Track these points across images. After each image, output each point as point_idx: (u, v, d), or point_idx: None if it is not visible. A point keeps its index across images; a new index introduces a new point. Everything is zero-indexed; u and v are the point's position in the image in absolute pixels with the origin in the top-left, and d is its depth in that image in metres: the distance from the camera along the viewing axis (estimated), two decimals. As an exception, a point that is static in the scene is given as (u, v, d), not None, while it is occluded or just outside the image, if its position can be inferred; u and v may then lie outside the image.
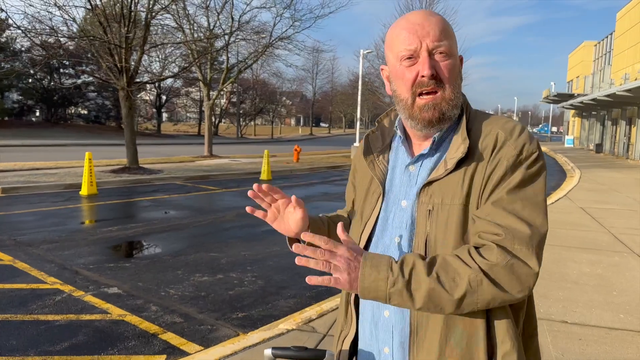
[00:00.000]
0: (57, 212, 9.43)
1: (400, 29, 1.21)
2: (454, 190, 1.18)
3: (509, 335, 1.16)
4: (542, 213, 1.14)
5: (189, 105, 61.47)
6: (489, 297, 1.09)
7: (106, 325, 4.36)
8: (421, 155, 1.26)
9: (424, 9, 1.32)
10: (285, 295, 5.26)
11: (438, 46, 1.18)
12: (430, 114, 1.20)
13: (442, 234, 1.18)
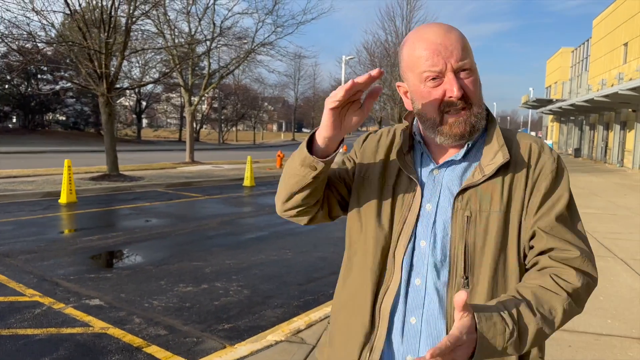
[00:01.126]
0: (36, 221, 9.20)
1: (420, 49, 1.18)
2: (493, 197, 1.18)
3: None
4: (581, 226, 1.24)
5: (169, 111, 60.97)
6: (572, 316, 1.15)
7: (88, 339, 4.22)
8: (450, 160, 1.25)
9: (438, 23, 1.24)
10: (272, 305, 5.17)
11: (462, 65, 1.17)
12: (462, 129, 1.20)
13: (481, 241, 1.17)
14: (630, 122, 26.66)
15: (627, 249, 7.50)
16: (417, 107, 1.25)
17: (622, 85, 20.99)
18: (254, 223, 9.66)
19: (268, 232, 8.82)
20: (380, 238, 1.26)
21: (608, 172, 23.68)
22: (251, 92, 58.23)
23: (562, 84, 48.61)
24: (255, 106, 60.79)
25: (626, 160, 27.16)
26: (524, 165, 1.20)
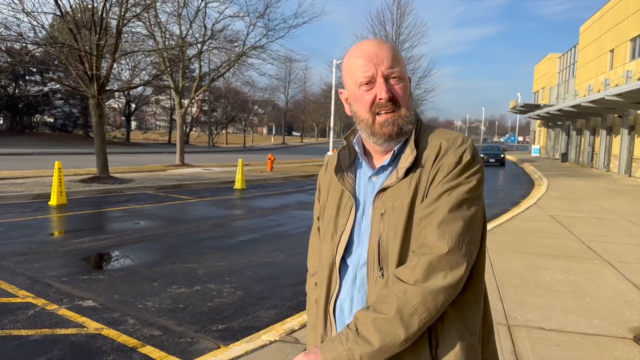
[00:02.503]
0: (26, 223, 9.16)
1: (357, 57, 1.34)
2: (403, 195, 1.30)
3: (450, 334, 1.27)
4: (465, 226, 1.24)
5: (158, 114, 60.69)
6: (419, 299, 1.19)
7: (82, 340, 4.24)
8: (382, 166, 1.39)
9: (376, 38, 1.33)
10: (266, 306, 5.22)
11: (392, 72, 1.32)
12: (390, 129, 1.33)
13: (392, 235, 1.29)
14: (616, 127, 27.05)
15: (614, 251, 7.64)
16: (354, 110, 1.40)
17: (608, 91, 21.31)
18: (245, 225, 9.69)
19: (260, 234, 8.86)
20: (328, 255, 1.43)
21: (594, 177, 23.99)
22: (241, 95, 58.16)
23: (550, 89, 49.15)
24: (245, 109, 60.71)
25: (612, 165, 27.53)
26: (430, 163, 1.29)
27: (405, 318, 1.18)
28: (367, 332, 1.19)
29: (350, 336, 1.20)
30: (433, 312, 1.20)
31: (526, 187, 19.50)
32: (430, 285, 1.20)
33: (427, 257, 1.22)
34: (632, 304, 5.24)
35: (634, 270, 6.58)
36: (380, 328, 1.19)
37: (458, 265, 1.21)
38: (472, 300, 1.31)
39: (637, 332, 4.48)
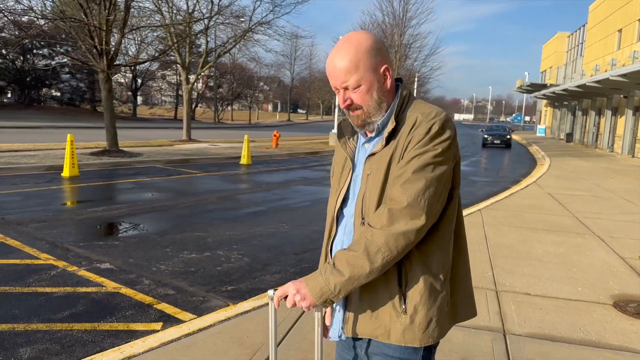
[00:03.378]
0: (41, 192, 9.53)
1: (326, 69, 1.64)
2: (383, 160, 1.58)
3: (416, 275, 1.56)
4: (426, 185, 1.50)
5: (164, 89, 60.75)
6: (383, 240, 1.47)
7: (102, 297, 4.61)
8: (371, 137, 1.69)
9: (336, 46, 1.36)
10: (271, 271, 5.57)
11: (346, 85, 1.59)
12: (356, 122, 1.66)
13: (372, 192, 1.58)
14: (621, 107, 27.06)
15: (606, 227, 7.94)
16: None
17: (613, 72, 21.33)
18: (251, 199, 10.03)
19: (265, 207, 9.19)
20: (331, 207, 1.75)
21: (598, 157, 24.15)
22: (247, 72, 58.08)
23: (557, 68, 48.84)
24: (251, 85, 60.66)
25: (616, 145, 27.63)
26: (405, 134, 1.55)
27: (371, 255, 1.47)
28: (340, 266, 1.49)
29: (328, 269, 1.51)
30: (394, 252, 1.48)
31: (528, 166, 19.71)
32: (392, 230, 1.47)
33: (391, 208, 1.50)
34: (616, 275, 5.56)
35: (623, 244, 6.89)
36: (351, 262, 1.48)
37: (417, 216, 1.47)
38: (436, 249, 1.58)
39: (617, 299, 4.80)
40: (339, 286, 1.49)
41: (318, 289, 1.51)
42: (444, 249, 1.60)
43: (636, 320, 4.29)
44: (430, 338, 1.58)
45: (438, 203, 1.52)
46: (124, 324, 4.05)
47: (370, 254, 1.47)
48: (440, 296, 1.58)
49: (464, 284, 1.69)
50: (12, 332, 3.83)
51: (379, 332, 1.60)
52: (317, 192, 11.38)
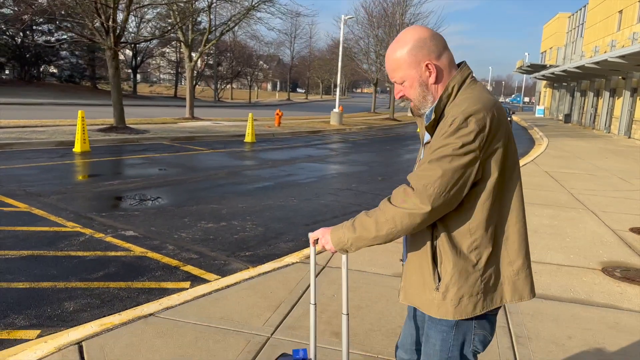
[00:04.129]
0: (56, 166, 9.86)
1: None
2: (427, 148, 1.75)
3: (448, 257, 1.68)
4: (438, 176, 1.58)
5: (163, 67, 60.56)
6: (391, 214, 1.62)
7: (132, 260, 4.99)
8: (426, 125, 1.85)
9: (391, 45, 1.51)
10: (284, 240, 5.96)
11: (394, 80, 1.79)
12: (411, 111, 1.88)
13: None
14: (619, 89, 27.32)
15: (599, 202, 8.34)
16: None
17: (611, 53, 21.55)
18: (259, 174, 10.39)
19: (273, 182, 9.56)
20: None
21: (595, 138, 24.50)
22: (247, 50, 57.86)
23: (557, 49, 48.85)
24: (250, 64, 60.47)
25: (613, 126, 27.96)
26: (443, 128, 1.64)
27: (379, 223, 1.64)
28: (356, 225, 1.70)
29: (348, 225, 1.73)
30: (399, 227, 1.61)
31: (526, 146, 20.06)
32: (400, 208, 1.61)
33: (405, 188, 1.63)
34: (606, 244, 5.97)
35: (614, 218, 7.29)
36: (363, 224, 1.68)
37: (424, 202, 1.57)
38: (466, 234, 1.65)
39: (605, 265, 5.21)
40: (351, 241, 1.72)
41: (337, 239, 1.76)
42: (477, 234, 1.65)
43: (622, 283, 4.70)
44: (464, 313, 1.67)
45: (450, 193, 1.57)
46: (155, 283, 4.44)
47: (379, 222, 1.64)
48: (472, 276, 1.66)
49: (513, 267, 1.70)
50: (54, 289, 4.22)
51: (421, 303, 1.76)
52: (322, 169, 11.73)
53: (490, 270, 1.68)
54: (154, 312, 3.58)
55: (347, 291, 1.94)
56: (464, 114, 1.59)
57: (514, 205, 1.70)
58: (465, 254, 1.66)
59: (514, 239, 1.70)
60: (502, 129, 1.63)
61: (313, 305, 2.03)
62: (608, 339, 3.55)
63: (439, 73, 1.72)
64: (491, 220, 1.66)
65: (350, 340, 3.32)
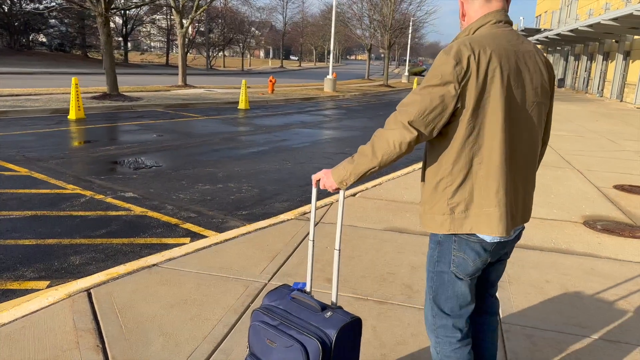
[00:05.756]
0: (53, 133, 9.96)
1: None
2: None
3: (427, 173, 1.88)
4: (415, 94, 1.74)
5: (154, 34, 59.68)
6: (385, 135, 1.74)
7: (133, 219, 5.18)
8: None
9: None
10: (279, 200, 6.15)
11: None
12: None
13: None
14: (612, 53, 27.31)
15: (585, 162, 8.57)
16: None
17: (605, 15, 21.48)
18: (253, 140, 10.52)
19: (268, 147, 9.71)
20: None
21: (587, 101, 24.63)
22: (238, 16, 57.04)
23: (552, 13, 48.38)
24: (242, 30, 59.67)
25: (606, 90, 28.06)
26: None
27: (375, 146, 1.78)
28: (355, 157, 1.83)
29: (347, 159, 1.90)
30: (391, 147, 1.73)
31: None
32: (389, 130, 1.75)
33: (393, 114, 1.77)
34: (589, 200, 6.21)
35: (599, 177, 7.52)
36: (360, 152, 1.82)
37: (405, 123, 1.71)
38: (438, 160, 1.79)
39: (587, 219, 5.45)
40: (349, 171, 1.84)
41: (337, 174, 1.89)
42: (448, 163, 1.76)
43: (601, 234, 4.95)
44: (432, 226, 1.84)
45: (428, 118, 1.69)
46: (156, 239, 4.65)
47: (374, 146, 1.79)
48: (441, 199, 1.80)
49: (483, 201, 1.77)
50: (59, 245, 4.41)
51: (419, 215, 1.96)
52: (316, 135, 11.87)
53: (458, 199, 1.77)
54: (157, 262, 3.79)
55: (341, 228, 2.09)
56: (447, 49, 1.70)
57: (494, 144, 1.71)
58: (438, 178, 1.80)
59: (486, 175, 1.74)
60: (492, 70, 1.66)
61: (311, 242, 2.18)
62: (583, 283, 3.80)
63: (467, 12, 1.84)
64: (463, 153, 1.73)
65: (343, 285, 3.57)
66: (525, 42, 1.83)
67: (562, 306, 3.42)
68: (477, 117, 1.69)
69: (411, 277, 3.75)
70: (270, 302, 1.98)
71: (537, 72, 1.79)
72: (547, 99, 1.86)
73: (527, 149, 1.82)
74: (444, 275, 1.89)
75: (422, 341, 2.91)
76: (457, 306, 1.90)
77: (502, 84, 1.68)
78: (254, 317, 1.96)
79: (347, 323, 1.82)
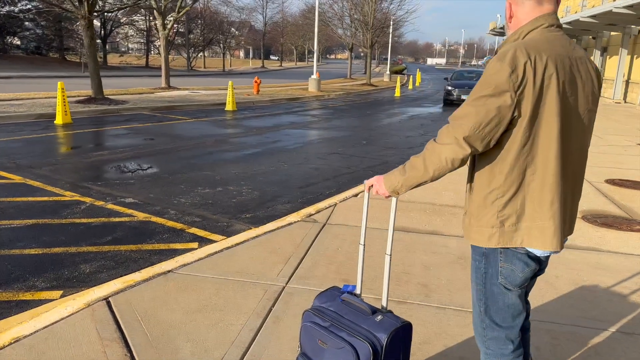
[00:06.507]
0: (42, 139, 9.80)
1: None
2: None
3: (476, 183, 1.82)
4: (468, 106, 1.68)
5: (131, 36, 59.00)
6: (437, 150, 1.71)
7: (137, 225, 5.14)
8: None
9: None
10: (281, 202, 6.16)
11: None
12: None
13: None
14: (590, 48, 27.85)
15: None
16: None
17: (583, 12, 21.90)
18: (246, 142, 10.50)
19: (261, 149, 9.70)
20: None
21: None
22: (218, 16, 56.68)
23: (530, 11, 49.08)
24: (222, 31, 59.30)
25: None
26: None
27: (426, 160, 1.75)
28: (406, 167, 1.82)
29: (399, 169, 1.85)
30: (443, 162, 1.71)
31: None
32: (441, 144, 1.71)
33: (446, 127, 1.71)
34: (584, 195, 6.34)
35: (590, 171, 7.68)
36: (412, 165, 1.80)
37: (459, 139, 1.66)
38: (490, 170, 1.74)
39: (585, 214, 5.58)
40: (401, 182, 1.84)
41: (389, 183, 1.88)
42: (502, 174, 1.71)
43: (601, 229, 5.07)
44: (481, 240, 1.79)
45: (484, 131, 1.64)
46: (164, 245, 4.63)
47: (426, 159, 1.76)
48: (491, 211, 1.75)
49: (535, 213, 1.72)
50: (67, 253, 4.37)
51: (463, 226, 1.90)
52: (307, 135, 11.89)
53: (509, 211, 1.72)
54: (171, 269, 3.78)
55: (393, 234, 2.06)
56: (500, 56, 1.63)
57: (550, 155, 1.67)
58: (489, 190, 1.75)
59: (539, 186, 1.69)
60: (548, 77, 1.62)
61: (362, 246, 2.18)
62: (591, 277, 3.90)
63: (515, 14, 1.79)
64: (518, 163, 1.68)
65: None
66: (576, 47, 1.78)
67: (575, 300, 3.50)
68: (533, 126, 1.65)
69: (425, 276, 3.80)
70: (321, 303, 2.00)
71: (589, 79, 1.75)
72: (596, 106, 1.82)
73: (577, 158, 1.78)
74: (492, 287, 1.85)
75: (447, 340, 2.96)
76: (509, 317, 1.86)
77: (558, 91, 1.64)
78: (305, 318, 1.98)
79: (398, 327, 1.85)
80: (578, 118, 1.74)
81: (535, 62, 1.61)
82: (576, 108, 1.72)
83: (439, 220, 5.19)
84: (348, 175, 7.71)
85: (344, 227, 4.89)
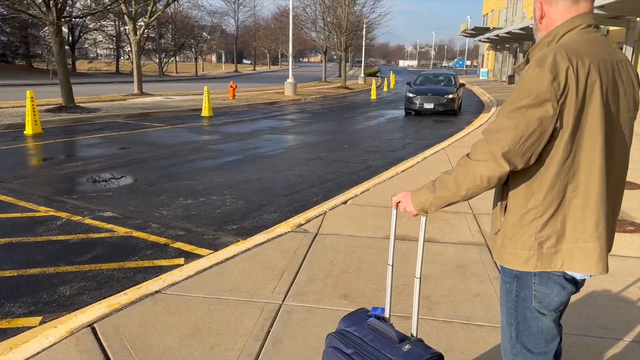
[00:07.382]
0: (11, 151, 9.38)
1: None
2: None
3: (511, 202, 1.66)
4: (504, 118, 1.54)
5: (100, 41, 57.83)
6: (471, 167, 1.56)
7: (118, 241, 4.89)
8: None
9: None
10: (268, 211, 5.97)
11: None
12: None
13: None
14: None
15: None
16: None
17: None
18: (226, 148, 10.25)
19: (242, 156, 9.47)
20: None
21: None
22: (188, 20, 55.99)
23: (499, 11, 49.92)
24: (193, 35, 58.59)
25: (556, 85, 29.07)
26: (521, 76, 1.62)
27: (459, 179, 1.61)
28: (436, 185, 1.68)
29: (428, 186, 1.71)
30: (478, 181, 1.56)
31: (475, 108, 20.63)
32: (475, 161, 1.57)
33: (481, 142, 1.57)
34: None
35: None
36: (442, 183, 1.65)
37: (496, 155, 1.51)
38: (528, 188, 1.60)
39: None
40: (430, 200, 1.70)
41: (417, 201, 1.74)
42: (541, 191, 1.58)
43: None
44: (516, 264, 1.65)
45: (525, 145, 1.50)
46: (148, 261, 4.39)
47: (458, 178, 1.62)
48: (527, 232, 1.61)
49: (576, 234, 1.59)
50: (44, 274, 4.10)
51: (491, 246, 1.78)
52: (287, 140, 11.71)
53: (549, 232, 1.59)
54: (159, 289, 3.56)
55: (422, 255, 1.91)
56: (539, 61, 1.50)
57: (593, 169, 1.54)
58: (527, 209, 1.60)
59: (582, 205, 1.56)
60: (591, 84, 1.49)
61: (390, 267, 2.01)
62: (592, 282, 3.81)
63: (547, 14, 1.65)
64: (558, 180, 1.55)
65: (361, 301, 3.45)
66: (617, 50, 1.64)
67: (580, 307, 3.41)
68: (574, 139, 1.51)
69: (426, 288, 3.66)
70: (346, 327, 1.84)
71: (630, 85, 1.62)
72: (637, 113, 1.69)
73: (619, 171, 1.64)
74: (525, 311, 1.71)
75: (456, 356, 2.82)
76: (542, 342, 1.73)
77: (602, 99, 1.50)
78: (328, 342, 1.82)
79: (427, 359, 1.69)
80: (620, 128, 1.60)
81: (578, 67, 1.48)
82: (618, 117, 1.58)
83: (431, 227, 5.07)
84: (333, 181, 7.55)
85: (336, 237, 4.72)
